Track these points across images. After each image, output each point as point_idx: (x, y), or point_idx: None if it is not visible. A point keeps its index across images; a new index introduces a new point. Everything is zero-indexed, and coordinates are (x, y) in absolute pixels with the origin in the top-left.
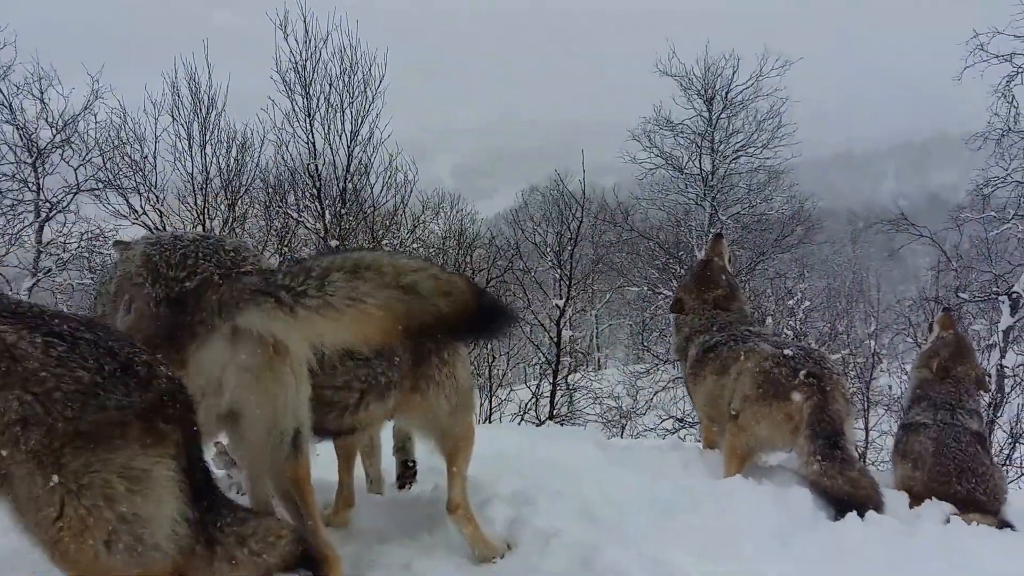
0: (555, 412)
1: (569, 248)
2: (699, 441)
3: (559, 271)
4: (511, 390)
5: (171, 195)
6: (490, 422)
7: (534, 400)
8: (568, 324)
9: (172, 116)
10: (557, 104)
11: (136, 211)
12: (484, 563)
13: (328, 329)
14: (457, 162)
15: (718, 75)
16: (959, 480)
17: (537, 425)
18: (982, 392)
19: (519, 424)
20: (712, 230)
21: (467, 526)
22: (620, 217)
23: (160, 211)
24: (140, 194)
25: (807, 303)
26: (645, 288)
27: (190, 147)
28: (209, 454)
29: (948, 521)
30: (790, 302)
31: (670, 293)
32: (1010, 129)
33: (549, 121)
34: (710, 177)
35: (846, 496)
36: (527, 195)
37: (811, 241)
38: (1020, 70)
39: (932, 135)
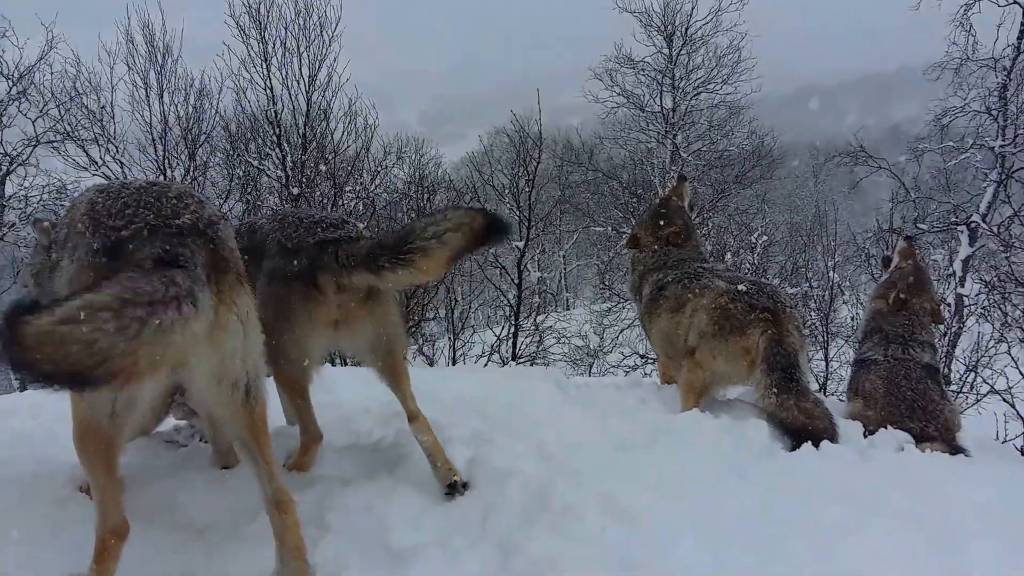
0: (519, 353)
1: (527, 190)
2: (658, 378)
3: (518, 213)
4: (473, 332)
5: (131, 145)
6: (454, 364)
7: (498, 342)
8: (536, 265)
9: (128, 65)
10: (523, 46)
11: (96, 162)
12: (445, 481)
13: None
14: (424, 108)
15: (677, 11)
16: (910, 418)
17: (501, 366)
18: (937, 324)
19: (484, 366)
20: (674, 169)
21: (428, 434)
22: (584, 157)
23: (121, 162)
24: (99, 145)
25: (766, 238)
26: (609, 228)
27: (147, 96)
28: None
29: (902, 449)
30: (751, 237)
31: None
32: (968, 58)
33: (515, 64)
34: (671, 114)
35: (801, 427)
36: (492, 138)
37: (772, 176)
38: None
39: (895, 68)
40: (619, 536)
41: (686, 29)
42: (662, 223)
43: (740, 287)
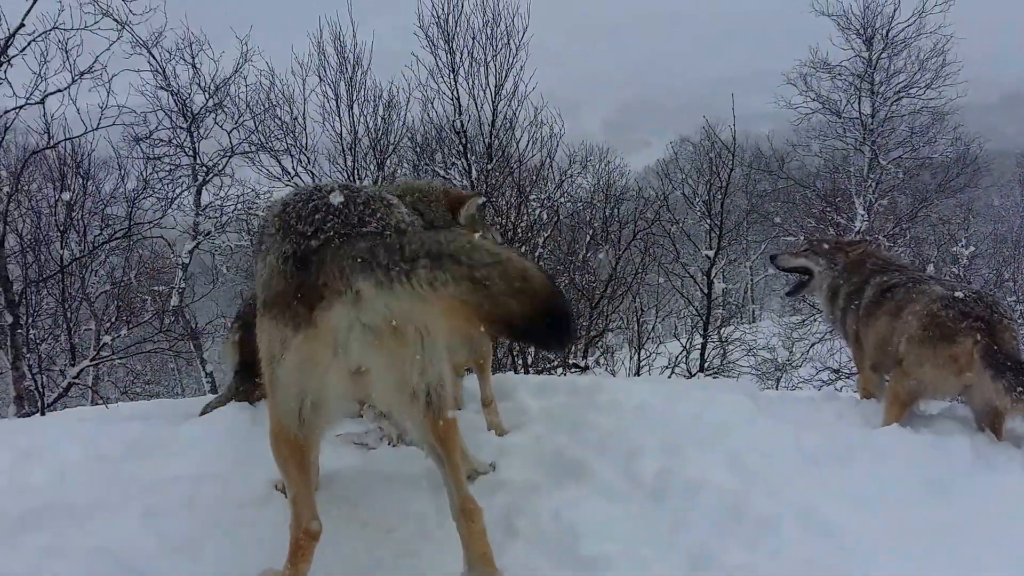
0: (706, 365)
1: (719, 198)
2: (855, 392)
3: (709, 222)
4: (660, 343)
5: (321, 156)
6: (639, 375)
7: (684, 353)
8: (720, 276)
9: (319, 76)
10: (710, 51)
11: (289, 172)
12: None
13: (419, 312)
14: (607, 115)
15: (878, 13)
16: None
17: (687, 378)
18: None
19: (669, 377)
20: (872, 177)
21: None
22: (775, 165)
23: (312, 172)
24: (292, 155)
25: (971, 249)
26: (802, 238)
27: (338, 107)
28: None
29: None
30: (953, 248)
31: (816, 236)
32: None
33: (700, 70)
34: (870, 120)
35: None
36: (677, 146)
37: (977, 185)
38: None
39: None
40: (817, 550)
41: (887, 32)
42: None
43: (957, 293)
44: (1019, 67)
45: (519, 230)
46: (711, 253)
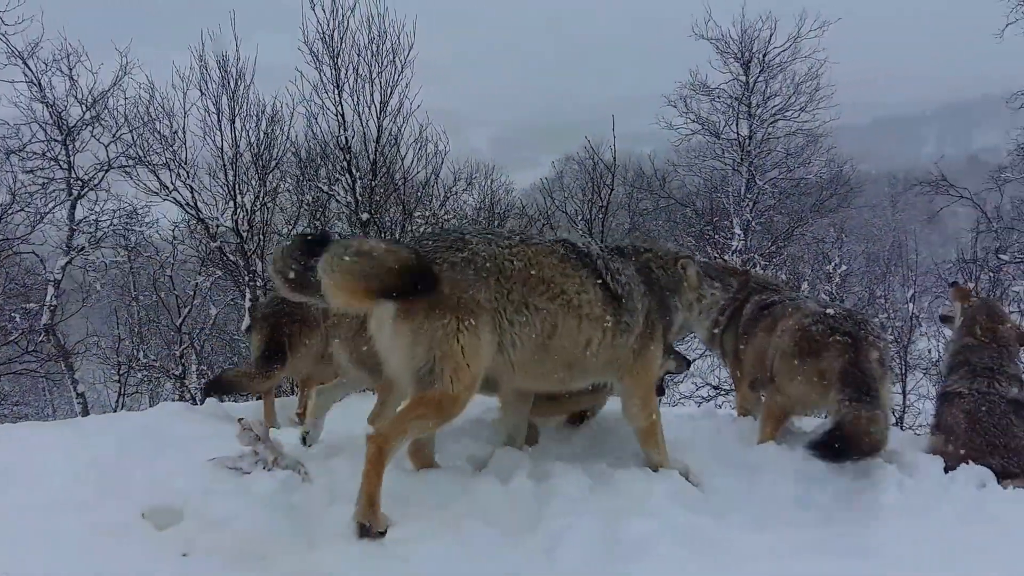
0: None
1: (600, 216)
2: (735, 409)
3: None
4: None
5: (202, 171)
6: None
7: None
8: None
9: (200, 90)
10: (596, 73)
11: (167, 187)
12: None
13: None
14: (495, 133)
15: (755, 37)
16: (991, 454)
17: None
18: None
19: None
20: (749, 197)
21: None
22: (657, 184)
23: (191, 187)
24: (171, 170)
25: (844, 267)
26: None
27: (219, 121)
28: (234, 431)
29: (984, 486)
30: (828, 267)
31: (706, 260)
32: None
33: (587, 91)
34: (747, 142)
35: (856, 435)
36: (562, 164)
37: (850, 205)
38: None
39: (975, 97)
40: (695, 566)
41: (764, 56)
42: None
43: (828, 311)
44: (890, 91)
45: None
46: None
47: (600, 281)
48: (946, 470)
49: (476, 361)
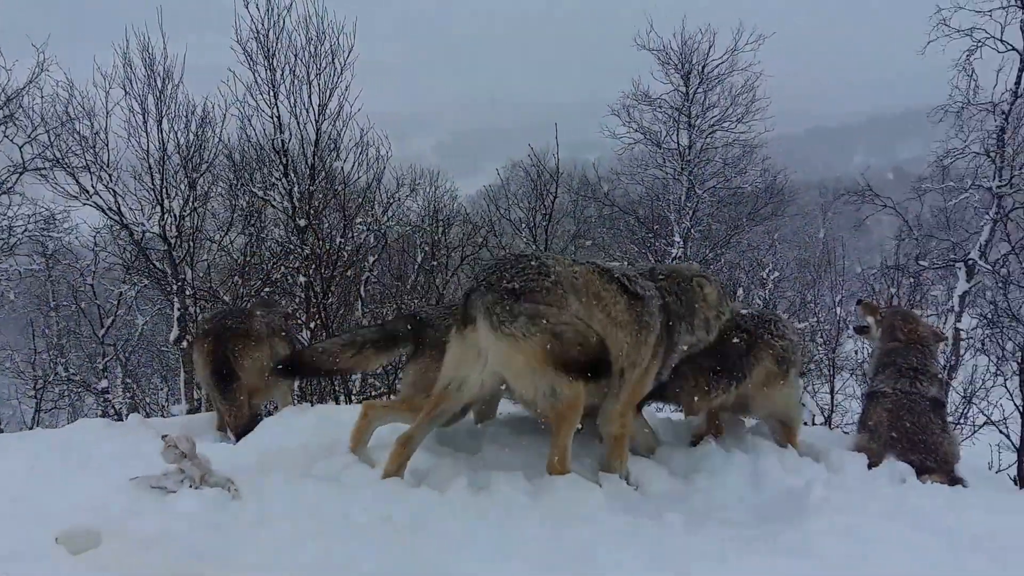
0: None
1: (543, 224)
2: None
3: (534, 247)
4: None
5: (126, 174)
6: None
7: None
8: None
9: (124, 89)
10: (543, 81)
11: (87, 191)
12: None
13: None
14: (441, 139)
15: (694, 49)
16: (912, 451)
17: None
18: (941, 342)
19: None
20: (689, 205)
21: None
22: (600, 192)
23: (114, 191)
24: (92, 173)
25: (777, 274)
26: (625, 263)
27: (145, 122)
28: (159, 448)
29: (904, 481)
30: (762, 273)
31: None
32: (969, 102)
33: (534, 98)
34: (687, 151)
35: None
36: (509, 171)
37: (783, 213)
38: (980, 44)
39: (900, 110)
40: None
41: (703, 68)
42: None
43: (743, 311)
44: (821, 102)
45: (344, 254)
46: None
47: (627, 293)
48: (870, 466)
49: None
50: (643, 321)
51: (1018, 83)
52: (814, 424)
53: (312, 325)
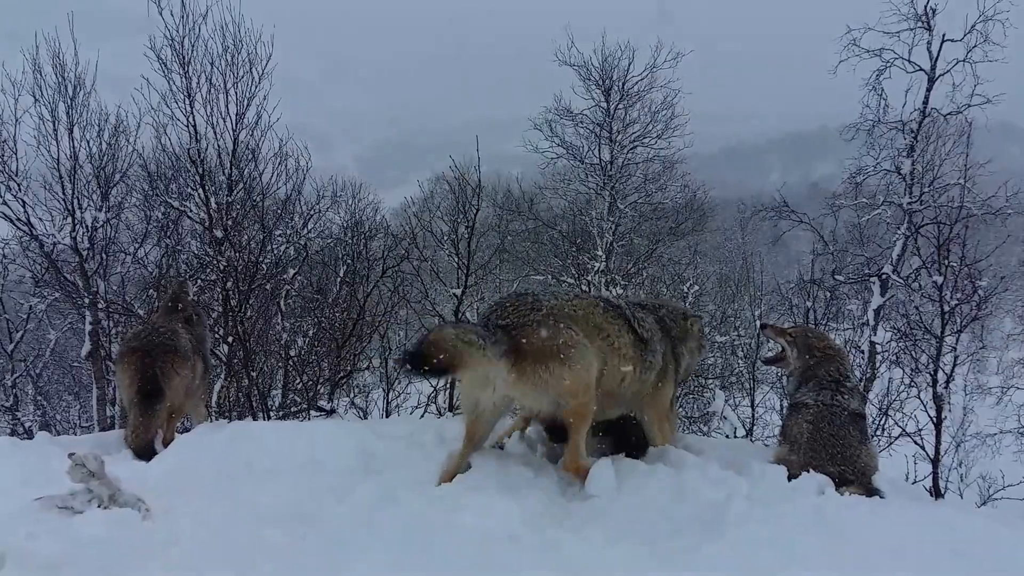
0: (456, 404)
1: (466, 236)
2: None
3: (457, 260)
4: (409, 382)
5: (35, 183)
6: (387, 416)
7: (435, 393)
8: (477, 315)
9: (34, 96)
10: (466, 95)
11: None
12: None
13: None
14: (360, 152)
15: (615, 66)
16: (831, 462)
17: (438, 417)
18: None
19: (421, 416)
20: (611, 220)
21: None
22: (524, 206)
23: (23, 200)
24: None
25: (697, 288)
26: (549, 276)
27: (55, 130)
28: (66, 466)
29: (823, 493)
30: (683, 287)
31: (572, 281)
32: (879, 120)
33: (457, 112)
34: (609, 167)
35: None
36: (432, 184)
37: (703, 229)
38: (889, 64)
39: (814, 129)
40: None
41: (623, 84)
42: None
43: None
44: (734, 122)
45: (263, 267)
46: (458, 292)
47: (630, 328)
48: (790, 478)
49: None
50: (646, 359)
51: (926, 102)
52: (736, 437)
53: (230, 339)
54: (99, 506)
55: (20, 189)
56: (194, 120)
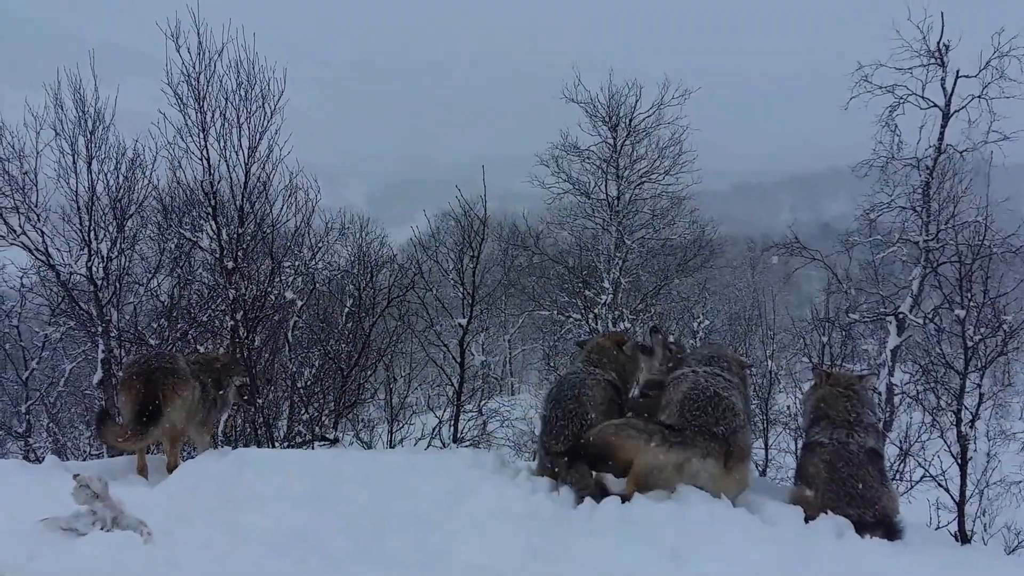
0: (461, 435)
1: (471, 267)
2: None
3: (462, 290)
4: (414, 412)
5: (54, 214)
6: (392, 446)
7: (439, 425)
8: (481, 348)
9: (55, 130)
10: (474, 134)
11: (15, 231)
12: None
13: None
14: (372, 190)
15: (622, 102)
16: (849, 504)
17: (441, 448)
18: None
19: (426, 448)
20: (619, 255)
21: None
22: (530, 241)
23: (42, 231)
24: (20, 213)
25: (708, 322)
26: (555, 312)
27: (75, 163)
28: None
29: (842, 536)
30: (693, 324)
31: (579, 316)
32: (893, 157)
33: (465, 151)
34: (616, 202)
35: None
36: (439, 220)
37: (712, 266)
38: (902, 100)
39: (824, 169)
40: None
41: (630, 120)
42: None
43: None
44: (746, 160)
45: (272, 297)
46: (463, 321)
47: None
48: (807, 519)
49: None
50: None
51: (940, 139)
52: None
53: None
54: (102, 528)
55: (40, 220)
56: (208, 153)
